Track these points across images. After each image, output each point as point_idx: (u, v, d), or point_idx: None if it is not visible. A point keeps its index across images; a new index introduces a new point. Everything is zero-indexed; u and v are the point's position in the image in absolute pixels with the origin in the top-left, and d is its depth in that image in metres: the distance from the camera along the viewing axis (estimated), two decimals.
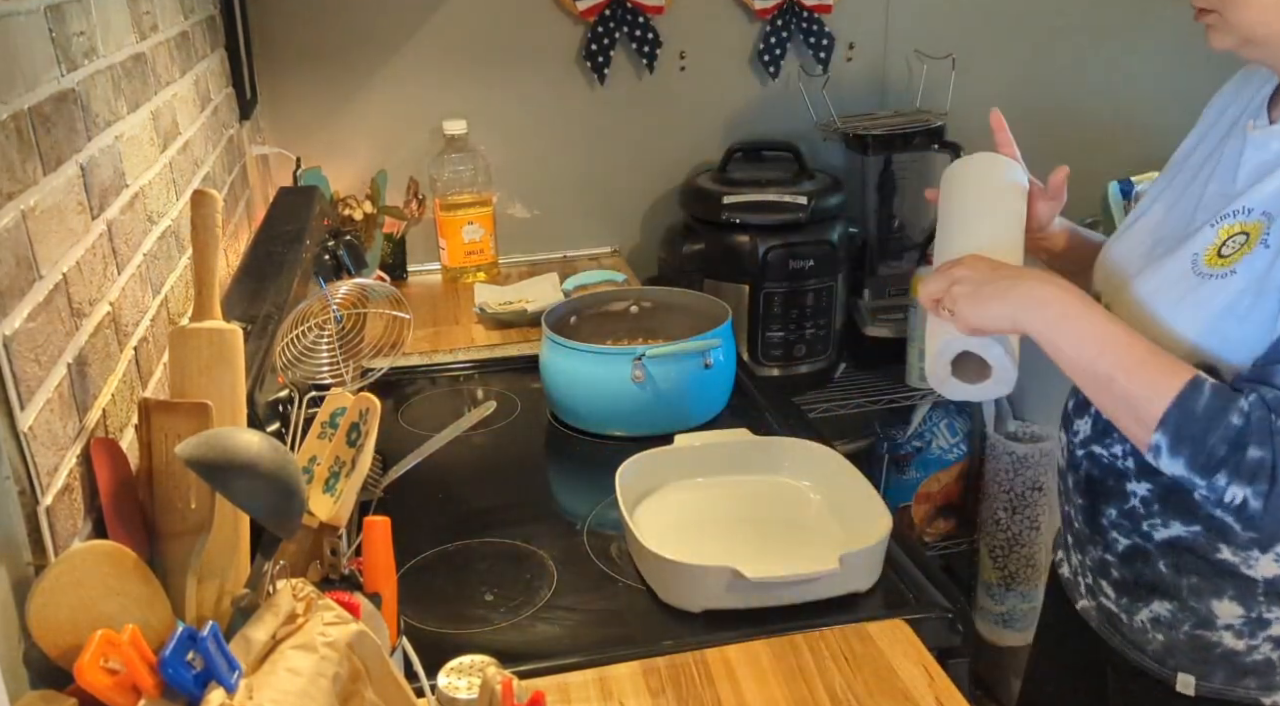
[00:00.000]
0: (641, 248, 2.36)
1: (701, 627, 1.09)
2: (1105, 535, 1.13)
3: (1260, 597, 1.05)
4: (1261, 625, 1.05)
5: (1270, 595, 1.04)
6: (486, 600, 1.17)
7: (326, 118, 2.15)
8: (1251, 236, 0.97)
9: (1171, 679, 1.10)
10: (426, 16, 2.12)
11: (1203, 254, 1.00)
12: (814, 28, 2.27)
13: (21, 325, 0.73)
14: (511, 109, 2.19)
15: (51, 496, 0.75)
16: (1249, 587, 1.04)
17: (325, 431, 1.07)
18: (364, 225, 2.03)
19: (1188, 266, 1.01)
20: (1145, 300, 1.04)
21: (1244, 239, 0.97)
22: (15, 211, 0.75)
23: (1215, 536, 1.04)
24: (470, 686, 0.84)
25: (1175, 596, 1.08)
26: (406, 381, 1.75)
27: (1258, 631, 1.06)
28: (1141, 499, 1.08)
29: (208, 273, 0.89)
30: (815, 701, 0.99)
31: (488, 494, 1.43)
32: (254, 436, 0.76)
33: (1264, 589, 1.04)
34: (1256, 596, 1.05)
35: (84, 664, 0.63)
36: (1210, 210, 1.03)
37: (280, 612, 0.74)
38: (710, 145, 2.27)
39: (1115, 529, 1.12)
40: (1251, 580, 1.04)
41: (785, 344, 2.12)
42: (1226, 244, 0.99)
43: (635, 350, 1.47)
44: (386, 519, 0.92)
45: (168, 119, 1.27)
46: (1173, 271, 1.02)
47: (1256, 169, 1.01)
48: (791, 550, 1.21)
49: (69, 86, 0.91)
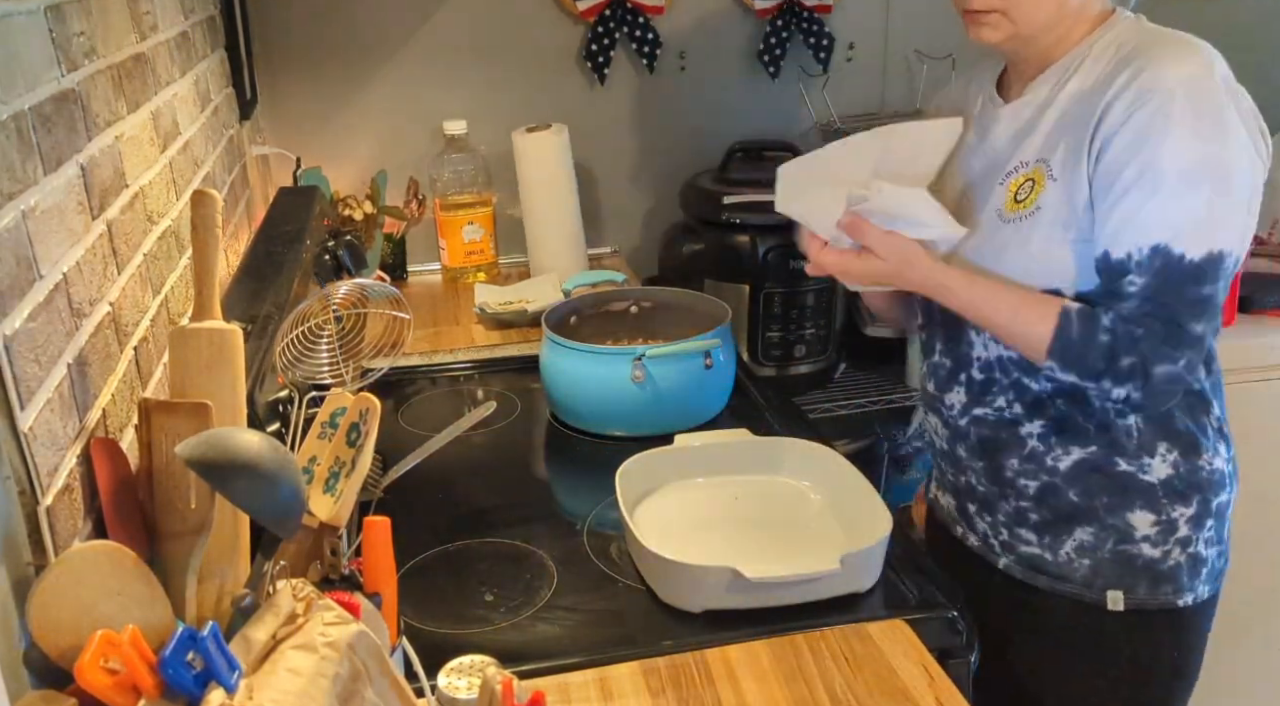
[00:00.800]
0: (641, 248, 2.36)
1: (701, 627, 1.09)
2: (1014, 484, 1.25)
3: (1163, 499, 1.19)
4: (1171, 528, 1.20)
5: (1170, 495, 1.19)
6: (486, 600, 1.17)
7: (326, 118, 2.15)
8: (1037, 179, 1.15)
9: (1101, 599, 1.22)
10: (426, 16, 2.12)
11: (1002, 207, 1.18)
12: (814, 28, 2.27)
13: (22, 325, 0.73)
14: (511, 109, 2.19)
15: (51, 496, 0.75)
16: (1151, 493, 1.19)
17: (325, 431, 1.07)
18: (364, 225, 2.03)
19: (994, 220, 1.19)
20: (972, 258, 1.20)
21: (1031, 184, 1.15)
22: (15, 211, 0.75)
23: (1110, 450, 1.19)
24: (470, 686, 0.84)
25: (1094, 518, 1.21)
26: (406, 381, 1.75)
27: (1169, 536, 1.20)
28: (1038, 436, 1.22)
29: (208, 273, 0.89)
30: (815, 701, 0.99)
31: (488, 494, 1.43)
32: (254, 436, 0.76)
33: (1163, 492, 1.19)
34: (1159, 500, 1.19)
35: (84, 664, 0.63)
36: (989, 176, 1.22)
37: (280, 612, 0.74)
38: (710, 145, 2.26)
39: (1021, 475, 1.24)
40: (1151, 485, 1.19)
41: (785, 344, 2.12)
42: (1018, 193, 1.17)
43: (635, 350, 1.47)
44: (386, 519, 0.92)
45: (168, 119, 1.27)
46: (984, 230, 1.20)
47: (1015, 134, 1.20)
48: (792, 550, 1.21)
49: (69, 86, 0.91)
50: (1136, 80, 1.07)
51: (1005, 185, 1.19)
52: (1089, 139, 1.10)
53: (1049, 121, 1.16)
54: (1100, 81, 1.12)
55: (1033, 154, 1.17)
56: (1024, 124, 1.19)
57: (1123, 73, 1.09)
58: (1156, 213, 1.06)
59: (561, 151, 2.07)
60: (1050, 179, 1.13)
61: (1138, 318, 1.08)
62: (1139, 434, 1.18)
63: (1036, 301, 1.13)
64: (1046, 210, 1.13)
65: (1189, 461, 1.19)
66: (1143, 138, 1.05)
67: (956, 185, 1.27)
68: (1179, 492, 1.19)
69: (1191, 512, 1.20)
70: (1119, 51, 1.13)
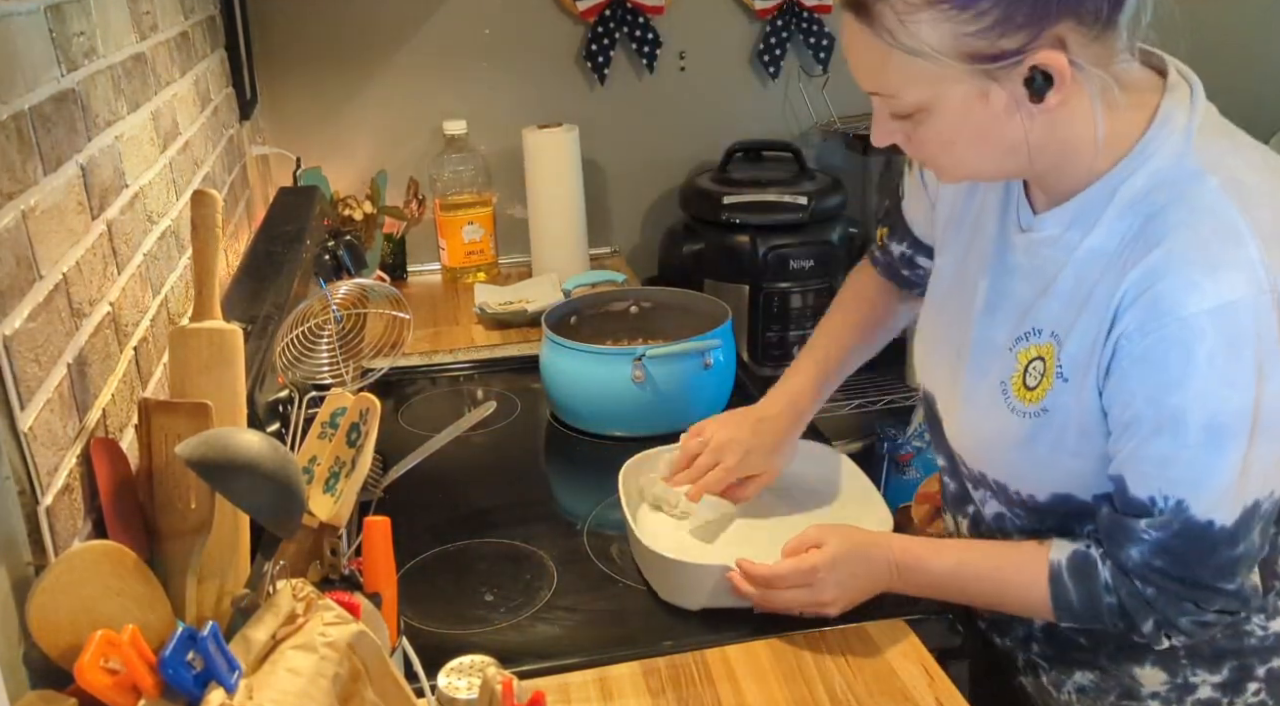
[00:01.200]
0: (641, 248, 2.36)
1: (701, 627, 1.09)
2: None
3: (1183, 660, 1.00)
4: (1188, 690, 1.01)
5: (1193, 658, 1.00)
6: (486, 600, 1.17)
7: (326, 118, 2.14)
8: (1048, 363, 0.94)
9: None
10: (426, 16, 2.12)
11: (1010, 384, 0.98)
12: (814, 28, 2.27)
13: (22, 325, 0.73)
14: (512, 109, 2.19)
15: (51, 496, 0.75)
16: (1169, 651, 1.00)
17: (325, 431, 1.07)
18: (364, 225, 2.03)
19: (999, 398, 0.98)
20: (971, 434, 1.04)
21: (1042, 365, 0.95)
22: (15, 211, 0.75)
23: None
24: (470, 686, 0.84)
25: (1095, 665, 1.05)
26: (406, 381, 1.75)
27: (1185, 696, 1.01)
28: None
29: (208, 273, 0.89)
30: (815, 701, 0.99)
31: (488, 494, 1.43)
32: (254, 436, 0.76)
33: (1185, 653, 1.00)
34: (1179, 660, 1.00)
35: (84, 664, 0.63)
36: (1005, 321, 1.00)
37: (280, 612, 0.74)
38: (710, 145, 2.26)
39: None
40: (1170, 647, 0.98)
41: (785, 344, 2.12)
42: (1029, 371, 0.96)
43: (635, 350, 1.47)
44: (386, 519, 0.92)
45: (168, 119, 1.27)
46: (987, 403, 1.00)
47: (1034, 274, 0.97)
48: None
49: (69, 86, 0.91)
50: (1153, 289, 0.84)
51: (1015, 353, 0.97)
52: (1103, 341, 0.88)
53: (1066, 283, 0.93)
54: (1119, 251, 0.89)
55: (1047, 322, 0.94)
56: (1042, 265, 0.96)
57: (1145, 257, 0.86)
58: (1183, 469, 0.87)
59: (571, 150, 2.07)
60: (1060, 377, 0.93)
61: (1145, 574, 0.91)
62: None
63: (1016, 565, 0.99)
64: (1055, 415, 0.93)
65: (1231, 627, 0.99)
66: (1161, 371, 0.85)
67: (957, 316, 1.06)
68: (1204, 657, 1.00)
69: (1220, 679, 1.00)
70: (1150, 202, 0.88)
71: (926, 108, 0.87)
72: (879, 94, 0.90)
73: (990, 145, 0.89)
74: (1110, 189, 0.90)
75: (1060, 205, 0.93)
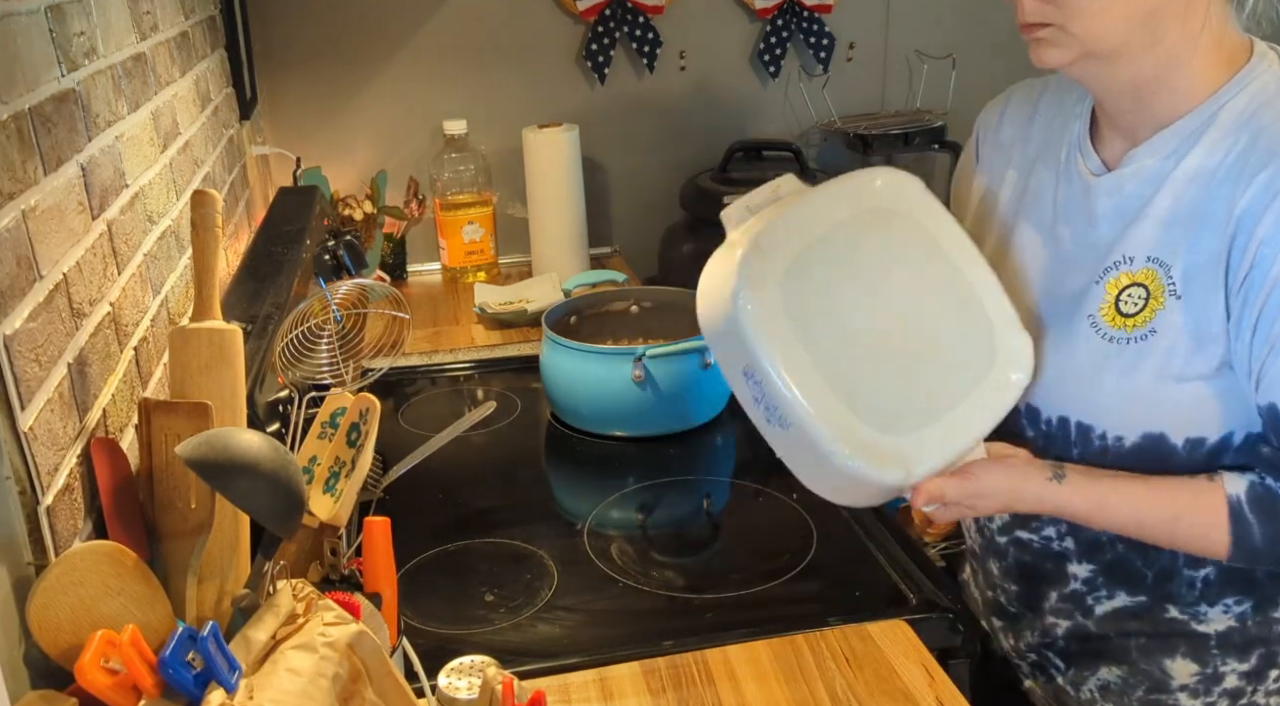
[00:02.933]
0: (641, 248, 2.36)
1: (702, 627, 1.09)
2: (1044, 618, 1.09)
3: (1214, 650, 1.00)
4: (1216, 680, 1.01)
5: (1225, 647, 1.00)
6: (487, 600, 1.17)
7: (326, 118, 2.15)
8: (1152, 289, 0.92)
9: None
10: (426, 16, 2.12)
11: (1100, 315, 0.95)
12: (814, 28, 2.27)
13: (22, 325, 0.73)
14: (512, 108, 2.19)
15: (52, 496, 0.75)
16: (1201, 642, 1.00)
17: (325, 431, 1.07)
18: (364, 225, 2.03)
19: (1089, 331, 0.96)
20: (1059, 378, 0.98)
21: (1143, 292, 0.93)
22: (15, 211, 0.75)
23: (1162, 600, 1.00)
24: (471, 686, 0.84)
25: (1124, 660, 1.03)
26: (406, 381, 1.75)
27: (1213, 687, 1.01)
28: (1084, 579, 1.04)
29: (208, 273, 0.89)
30: (815, 701, 0.99)
31: (488, 494, 1.43)
32: (254, 436, 0.77)
33: (1217, 642, 0.99)
34: (1210, 650, 1.00)
35: (84, 664, 0.63)
36: (1082, 265, 0.98)
37: (280, 612, 0.74)
38: (710, 145, 2.26)
39: (1056, 613, 1.07)
40: (1203, 635, 0.99)
41: None
42: (1122, 299, 0.94)
43: (635, 350, 1.47)
44: (386, 519, 0.92)
45: (168, 119, 1.27)
46: (1076, 341, 0.96)
47: (1116, 214, 0.96)
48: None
49: (69, 86, 0.91)
50: None
51: (1103, 284, 0.95)
52: (1226, 252, 0.87)
53: (1162, 207, 0.92)
54: (1233, 166, 0.89)
55: (1143, 249, 0.93)
56: (1127, 201, 0.95)
57: (1267, 165, 0.86)
58: None
59: (571, 150, 2.07)
60: (1172, 295, 0.90)
61: None
62: (1204, 586, 0.98)
63: (1194, 502, 0.92)
64: (1164, 337, 0.91)
65: (1262, 614, 0.99)
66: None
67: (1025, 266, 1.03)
68: (1235, 646, 1.00)
69: (1247, 667, 1.00)
70: (1257, 120, 0.89)
71: None
72: None
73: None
74: (1210, 113, 0.91)
75: (1159, 133, 0.93)
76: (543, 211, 2.10)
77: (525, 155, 2.08)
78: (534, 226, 2.12)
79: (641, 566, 1.22)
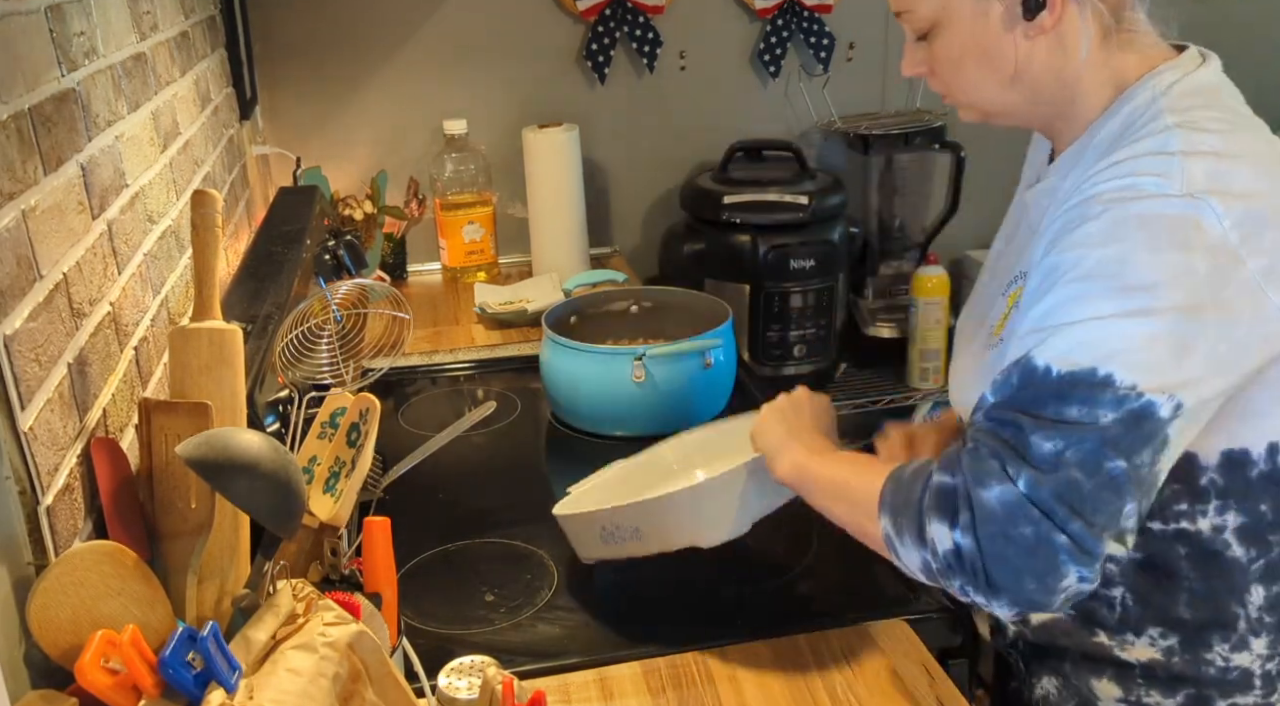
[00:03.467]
0: (641, 248, 2.36)
1: (702, 627, 1.09)
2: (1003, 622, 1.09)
3: (1139, 680, 0.99)
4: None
5: (1149, 679, 0.98)
6: (487, 600, 1.17)
7: (326, 118, 2.15)
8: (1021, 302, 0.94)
9: None
10: (427, 16, 2.12)
11: (994, 326, 0.99)
12: (814, 28, 2.27)
13: (22, 325, 0.73)
14: (512, 108, 2.19)
15: (52, 496, 0.75)
16: (1126, 670, 0.99)
17: (325, 431, 1.07)
18: (364, 225, 2.03)
19: (986, 340, 1.00)
20: (961, 386, 1.04)
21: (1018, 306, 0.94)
22: (15, 211, 0.75)
23: (1088, 621, 0.99)
24: (471, 686, 0.84)
25: (1059, 671, 1.04)
26: (406, 381, 1.75)
27: None
28: None
29: (208, 272, 0.89)
30: (815, 701, 0.99)
31: (488, 494, 1.43)
32: (254, 436, 0.77)
33: (1141, 673, 0.98)
34: (1135, 679, 0.99)
35: (84, 664, 0.63)
36: (999, 278, 1.03)
37: (280, 612, 0.74)
38: (711, 145, 2.26)
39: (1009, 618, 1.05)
40: (1128, 663, 0.98)
41: (785, 344, 2.12)
42: (1010, 313, 0.96)
43: (635, 350, 1.47)
44: (386, 519, 0.92)
45: (168, 119, 1.27)
46: (977, 349, 1.02)
47: (1028, 229, 0.99)
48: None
49: (69, 86, 0.91)
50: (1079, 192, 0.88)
51: (1005, 297, 0.99)
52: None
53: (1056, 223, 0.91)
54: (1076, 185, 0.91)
55: (1030, 264, 0.93)
56: (1035, 218, 0.98)
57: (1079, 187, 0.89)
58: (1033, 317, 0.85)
59: (571, 149, 2.07)
60: (1017, 308, 0.93)
61: (972, 436, 0.86)
62: (1122, 610, 0.97)
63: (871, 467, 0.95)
64: (1005, 344, 0.91)
65: (1191, 653, 0.96)
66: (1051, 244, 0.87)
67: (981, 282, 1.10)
68: (1160, 680, 0.98)
69: (1173, 704, 0.98)
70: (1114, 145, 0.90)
71: (938, 23, 0.94)
72: (900, 13, 0.97)
73: (992, 67, 0.93)
74: (1090, 136, 0.94)
75: (1061, 154, 0.97)
76: (543, 211, 2.10)
77: (525, 155, 2.08)
78: (534, 226, 2.12)
79: (641, 566, 1.21)
